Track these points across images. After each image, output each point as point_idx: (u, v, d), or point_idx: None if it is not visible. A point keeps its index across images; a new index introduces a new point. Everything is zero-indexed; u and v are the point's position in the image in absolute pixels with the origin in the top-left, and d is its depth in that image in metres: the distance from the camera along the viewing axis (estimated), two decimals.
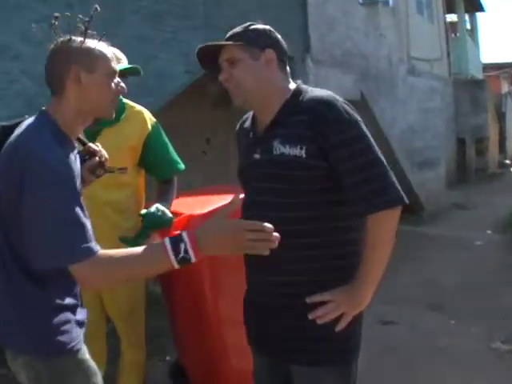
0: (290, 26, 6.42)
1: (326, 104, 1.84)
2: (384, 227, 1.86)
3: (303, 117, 1.86)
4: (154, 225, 2.54)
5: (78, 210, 1.64)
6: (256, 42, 1.92)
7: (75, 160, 1.78)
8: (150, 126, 2.74)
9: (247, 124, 2.11)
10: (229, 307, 2.62)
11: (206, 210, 2.72)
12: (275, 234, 1.59)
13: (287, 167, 1.86)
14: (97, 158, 2.04)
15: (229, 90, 1.97)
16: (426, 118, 10.94)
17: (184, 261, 1.58)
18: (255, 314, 2.04)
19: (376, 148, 1.86)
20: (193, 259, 1.59)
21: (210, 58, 1.97)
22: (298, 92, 1.94)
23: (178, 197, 2.86)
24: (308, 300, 1.86)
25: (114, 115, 1.87)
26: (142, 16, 4.49)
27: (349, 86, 7.70)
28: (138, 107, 2.78)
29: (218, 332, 2.78)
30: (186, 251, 1.58)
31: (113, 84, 1.81)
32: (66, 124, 1.76)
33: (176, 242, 1.60)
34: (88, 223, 1.67)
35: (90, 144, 2.06)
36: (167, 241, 1.61)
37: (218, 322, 2.76)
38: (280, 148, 1.88)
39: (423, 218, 9.58)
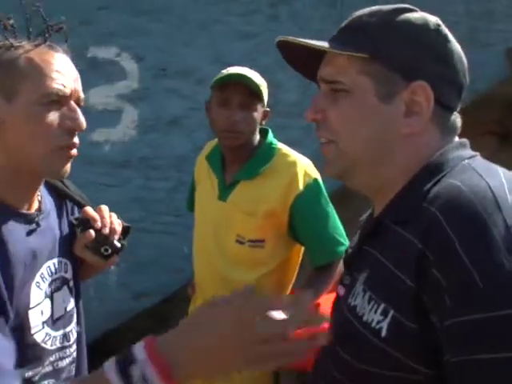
0: None
1: (462, 218, 0.80)
2: None
3: (413, 235, 0.85)
4: None
5: None
6: (401, 58, 0.92)
7: (17, 239, 1.12)
8: (301, 185, 1.89)
9: (367, 214, 1.12)
10: None
11: None
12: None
13: (349, 342, 0.92)
14: (91, 231, 1.25)
15: (320, 142, 1.00)
16: None
17: None
18: None
19: None
20: None
21: (301, 55, 1.01)
22: (433, 168, 0.91)
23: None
24: None
25: (64, 171, 1.15)
26: None
27: None
28: (294, 156, 1.95)
29: None
30: (144, 379, 0.78)
31: (54, 116, 1.09)
32: None
33: (124, 365, 0.80)
34: None
35: (87, 208, 1.30)
36: (110, 367, 0.80)
37: None
38: (358, 294, 0.93)
39: None
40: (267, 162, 1.92)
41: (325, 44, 0.95)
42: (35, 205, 1.21)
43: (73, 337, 1.30)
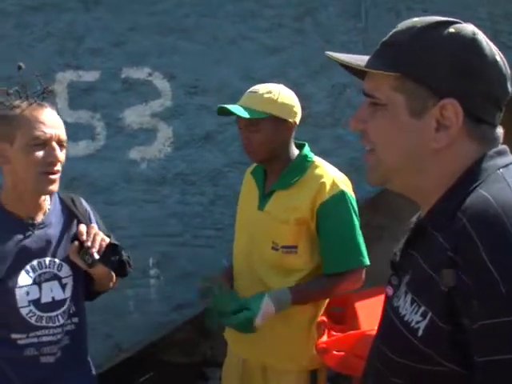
0: None
1: (488, 230, 0.85)
2: None
3: (446, 241, 0.91)
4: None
5: None
6: (432, 76, 0.95)
7: (18, 240, 1.67)
8: (327, 194, 1.99)
9: (416, 217, 1.16)
10: None
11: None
12: None
13: (390, 339, 1.01)
14: (76, 242, 1.70)
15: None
16: None
17: None
18: None
19: None
20: None
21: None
22: (468, 177, 0.96)
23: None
24: None
25: (48, 190, 1.65)
26: None
27: None
28: (325, 168, 2.06)
29: None
30: None
31: (40, 153, 1.62)
32: (7, 203, 1.71)
33: None
34: None
35: (81, 225, 1.73)
36: None
37: None
38: (401, 295, 1.01)
39: None
40: (301, 174, 2.04)
41: (363, 61, 1.01)
42: (40, 216, 1.72)
43: (58, 322, 1.72)
